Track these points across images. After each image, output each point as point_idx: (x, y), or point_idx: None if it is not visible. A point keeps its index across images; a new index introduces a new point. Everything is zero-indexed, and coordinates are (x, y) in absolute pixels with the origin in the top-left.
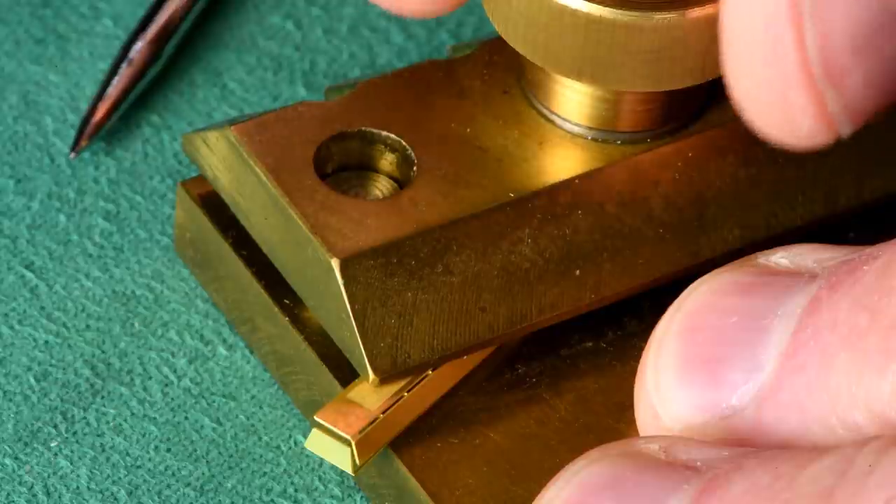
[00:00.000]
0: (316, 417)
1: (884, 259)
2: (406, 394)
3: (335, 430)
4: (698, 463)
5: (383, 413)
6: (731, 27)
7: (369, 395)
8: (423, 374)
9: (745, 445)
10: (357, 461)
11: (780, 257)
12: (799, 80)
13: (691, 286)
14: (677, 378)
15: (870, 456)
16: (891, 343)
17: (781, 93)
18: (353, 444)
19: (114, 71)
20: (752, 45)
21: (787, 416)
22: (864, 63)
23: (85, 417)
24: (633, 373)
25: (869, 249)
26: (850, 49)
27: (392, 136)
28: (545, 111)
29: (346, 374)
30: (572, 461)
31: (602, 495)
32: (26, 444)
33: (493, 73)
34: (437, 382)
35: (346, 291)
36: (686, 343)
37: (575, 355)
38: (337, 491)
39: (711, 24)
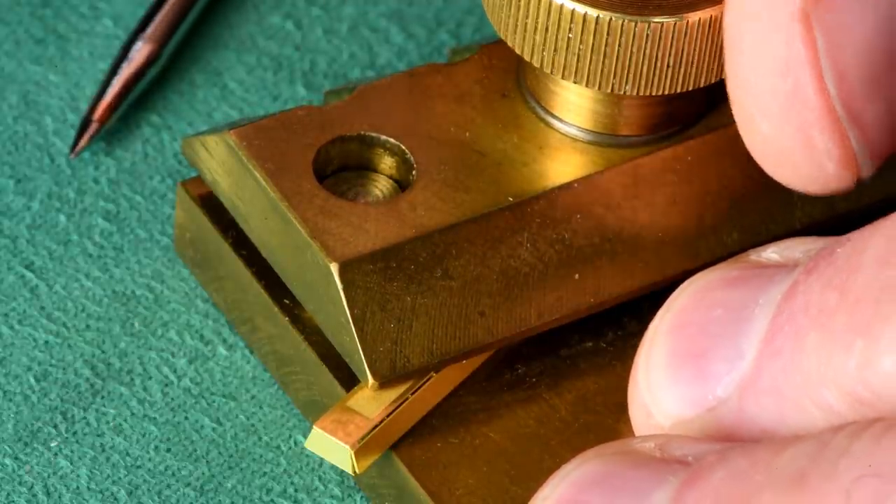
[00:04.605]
0: (315, 427)
1: (855, 239)
2: (410, 396)
3: (335, 440)
4: (690, 458)
5: (382, 420)
6: (742, 74)
7: (368, 402)
8: (424, 379)
9: (730, 434)
10: (357, 469)
11: (771, 252)
12: (824, 122)
13: (681, 286)
14: (666, 375)
15: (844, 440)
16: (857, 319)
17: (805, 136)
18: (352, 453)
19: (114, 71)
20: (771, 91)
21: (766, 402)
22: (879, 99)
23: (85, 417)
24: None
25: (848, 234)
26: (866, 85)
27: (391, 139)
28: (544, 115)
29: (346, 374)
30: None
31: (592, 491)
32: (26, 444)
33: (492, 76)
34: (437, 387)
35: (346, 296)
36: (674, 340)
37: (575, 355)
38: (337, 491)
39: (711, 28)
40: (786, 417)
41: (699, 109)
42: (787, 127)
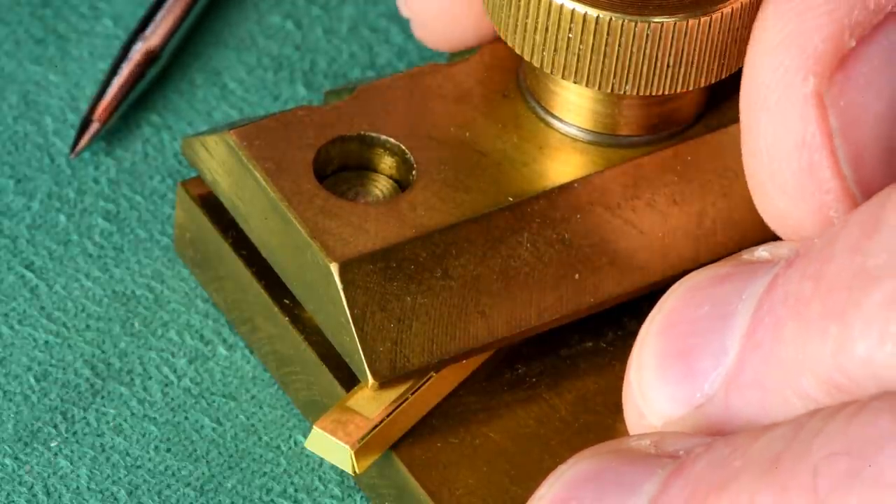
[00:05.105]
0: (315, 427)
1: (832, 230)
2: (410, 396)
3: (335, 440)
4: (681, 452)
5: (382, 420)
6: (758, 152)
7: (369, 402)
8: (424, 379)
9: (719, 430)
10: (357, 469)
11: (762, 250)
12: (840, 203)
13: (673, 286)
14: (656, 375)
15: (818, 422)
16: (830, 306)
17: (822, 216)
18: (352, 453)
19: (114, 71)
20: (787, 170)
21: (750, 395)
22: (893, 175)
23: (85, 417)
24: None
25: (828, 227)
26: (882, 166)
27: (391, 139)
28: (544, 115)
29: (347, 374)
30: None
31: (586, 488)
32: (26, 444)
33: (492, 76)
34: (437, 387)
35: (346, 296)
36: (663, 340)
37: (575, 355)
38: (337, 491)
39: (711, 28)
40: (769, 409)
41: (699, 109)
42: (804, 205)
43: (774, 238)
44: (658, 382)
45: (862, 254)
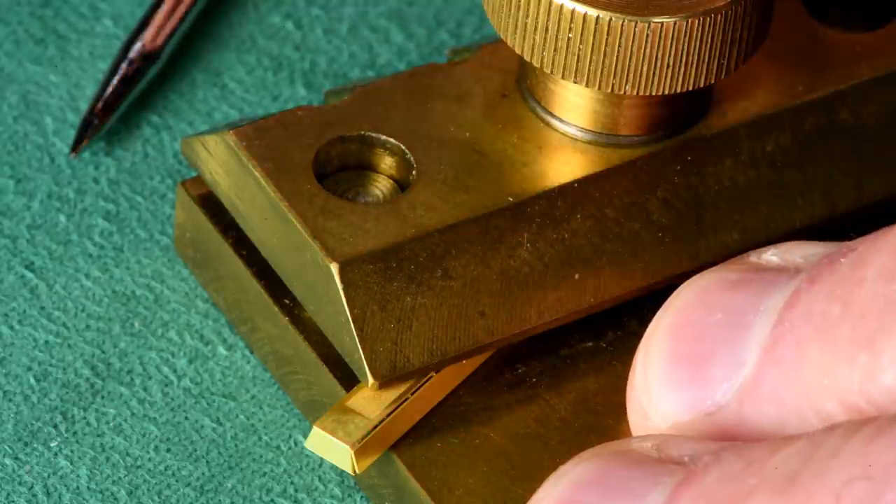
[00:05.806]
0: (315, 427)
1: (859, 250)
2: (410, 396)
3: (335, 440)
4: (686, 458)
5: (382, 420)
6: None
7: (368, 402)
8: (424, 379)
9: (727, 438)
10: (357, 469)
11: (771, 255)
12: None
13: (682, 286)
14: (664, 377)
15: (835, 441)
16: (860, 333)
17: None
18: (352, 453)
19: (114, 71)
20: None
21: (766, 410)
22: None
23: (85, 417)
24: None
25: (850, 243)
26: None
27: (391, 140)
28: (544, 115)
29: (346, 374)
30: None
31: (589, 491)
32: (26, 444)
33: (492, 76)
34: (437, 387)
35: (346, 296)
36: (673, 343)
37: (575, 355)
38: (337, 491)
39: (711, 28)
40: (786, 425)
41: (699, 109)
42: None
43: (778, 240)
44: (665, 384)
45: (895, 281)
